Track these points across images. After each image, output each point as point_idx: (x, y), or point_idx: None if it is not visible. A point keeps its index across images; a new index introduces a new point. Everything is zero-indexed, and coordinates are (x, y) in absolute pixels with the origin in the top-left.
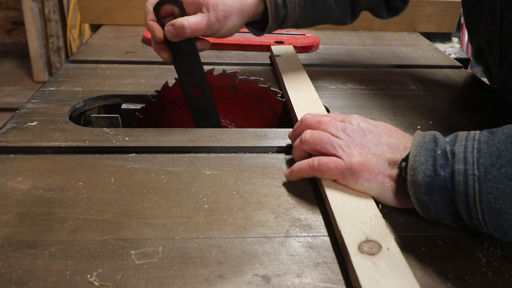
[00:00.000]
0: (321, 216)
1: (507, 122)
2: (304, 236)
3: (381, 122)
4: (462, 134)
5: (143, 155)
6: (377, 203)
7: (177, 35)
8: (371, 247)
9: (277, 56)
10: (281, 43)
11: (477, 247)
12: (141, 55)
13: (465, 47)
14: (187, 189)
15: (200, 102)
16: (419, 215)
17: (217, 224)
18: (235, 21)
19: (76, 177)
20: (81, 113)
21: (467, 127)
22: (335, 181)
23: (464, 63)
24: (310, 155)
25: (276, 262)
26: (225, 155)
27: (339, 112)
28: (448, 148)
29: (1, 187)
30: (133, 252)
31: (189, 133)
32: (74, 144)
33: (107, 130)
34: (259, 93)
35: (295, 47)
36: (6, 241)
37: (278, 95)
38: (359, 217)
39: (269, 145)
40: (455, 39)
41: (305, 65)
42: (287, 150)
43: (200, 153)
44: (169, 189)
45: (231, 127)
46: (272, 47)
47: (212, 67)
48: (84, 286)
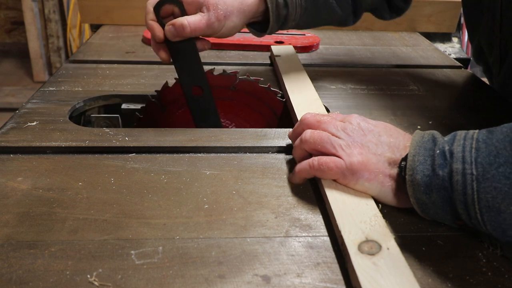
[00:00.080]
0: (321, 216)
1: (507, 122)
2: (304, 236)
3: (381, 121)
4: (460, 133)
5: (143, 155)
6: (377, 202)
7: (177, 34)
8: (371, 247)
9: (277, 56)
10: (281, 43)
11: (477, 247)
12: (141, 55)
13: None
14: (187, 189)
15: (200, 102)
16: (419, 215)
17: (217, 224)
18: (235, 21)
19: (76, 177)
20: (81, 113)
21: (467, 127)
22: (335, 181)
23: (464, 63)
24: (310, 155)
25: (276, 262)
26: (225, 155)
27: (339, 112)
28: (446, 147)
29: (1, 187)
30: (133, 252)
31: (189, 133)
32: (74, 144)
33: (107, 130)
34: (259, 93)
35: (295, 47)
36: (6, 241)
37: (278, 95)
38: (359, 217)
39: (269, 145)
40: (455, 39)
41: (305, 65)
42: (287, 150)
43: (200, 153)
44: (169, 189)
45: (231, 127)
46: (272, 47)
47: (212, 67)
48: (84, 286)
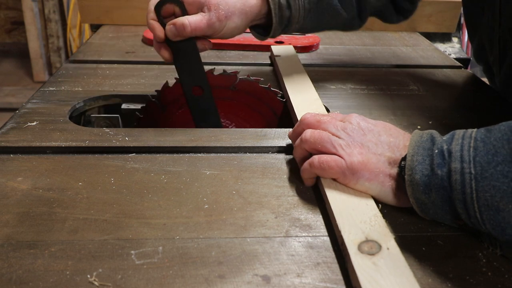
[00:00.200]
0: (321, 216)
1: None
2: (304, 236)
3: (380, 121)
4: (459, 132)
5: (143, 155)
6: (377, 202)
7: (178, 34)
8: (371, 247)
9: (277, 56)
10: (281, 43)
11: (477, 247)
12: (141, 55)
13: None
14: (187, 189)
15: (200, 102)
16: (419, 215)
17: (217, 224)
18: (237, 22)
19: (76, 177)
20: (81, 113)
21: (467, 127)
22: (335, 180)
23: (464, 63)
24: (311, 155)
25: (276, 262)
26: (225, 155)
27: (339, 112)
28: (445, 147)
29: (1, 187)
30: (133, 252)
31: (189, 133)
32: (74, 144)
33: (107, 130)
34: (260, 93)
35: (295, 47)
36: (6, 241)
37: (278, 95)
38: (359, 217)
39: (269, 145)
40: (455, 39)
41: (305, 65)
42: (287, 150)
43: (200, 153)
44: (169, 189)
45: (231, 127)
46: (272, 47)
47: (212, 67)
48: (84, 286)
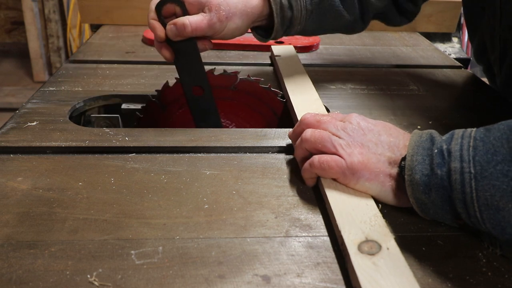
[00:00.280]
0: (321, 216)
1: None
2: (304, 236)
3: (380, 121)
4: (458, 132)
5: (143, 155)
6: (377, 202)
7: (178, 34)
8: (371, 247)
9: (277, 56)
10: (281, 43)
11: (477, 247)
12: (141, 55)
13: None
14: (187, 189)
15: (200, 102)
16: (419, 215)
17: (217, 224)
18: (238, 23)
19: (76, 177)
20: (81, 113)
21: (467, 127)
22: (335, 180)
23: (464, 63)
24: (311, 155)
25: (276, 262)
26: (225, 155)
27: (339, 112)
28: (444, 146)
29: (1, 187)
30: (133, 252)
31: (189, 133)
32: (74, 144)
33: (107, 130)
34: (260, 93)
35: (295, 47)
36: (6, 241)
37: (278, 95)
38: (359, 217)
39: (269, 145)
40: (455, 39)
41: (305, 65)
42: (287, 150)
43: (200, 153)
44: (169, 189)
45: (231, 127)
46: (272, 47)
47: (213, 67)
48: (84, 286)
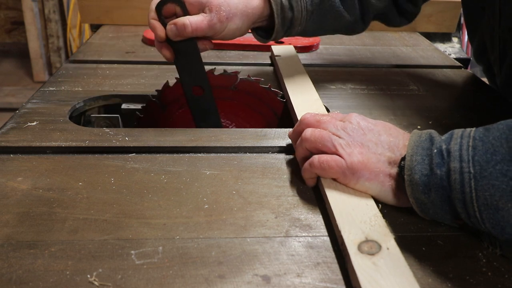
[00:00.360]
0: (321, 216)
1: None
2: (304, 236)
3: (380, 120)
4: (457, 132)
5: (143, 155)
6: (377, 202)
7: (178, 34)
8: (371, 247)
9: (277, 56)
10: (281, 43)
11: (477, 247)
12: (141, 55)
13: (465, 47)
14: (187, 189)
15: (200, 102)
16: (419, 215)
17: (217, 224)
18: (238, 23)
19: (76, 177)
20: (81, 113)
21: (467, 127)
22: (335, 180)
23: (464, 63)
24: (312, 155)
25: (276, 262)
26: (225, 155)
27: (339, 111)
28: (443, 146)
29: (1, 187)
30: (133, 252)
31: (189, 133)
32: (74, 144)
33: (107, 130)
34: (260, 94)
35: (295, 47)
36: (6, 241)
37: (278, 95)
38: (359, 217)
39: (269, 145)
40: (455, 39)
41: (305, 65)
42: (287, 150)
43: (200, 153)
44: (169, 189)
45: (231, 127)
46: (272, 47)
47: (213, 67)
48: (84, 286)
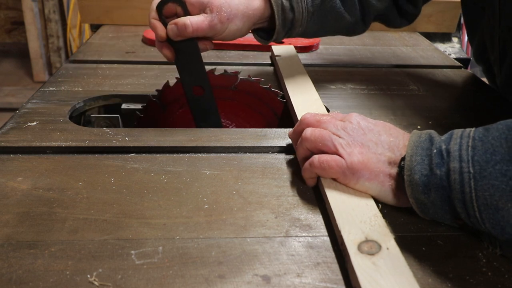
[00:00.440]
0: (321, 216)
1: None
2: (304, 236)
3: (380, 120)
4: (457, 132)
5: (143, 155)
6: (377, 202)
7: (179, 34)
8: (370, 247)
9: (277, 56)
10: (281, 43)
11: (477, 247)
12: (141, 55)
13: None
14: (187, 189)
15: (201, 102)
16: (419, 215)
17: (217, 224)
18: (239, 24)
19: (76, 177)
20: (81, 113)
21: (467, 127)
22: (335, 180)
23: (464, 63)
24: (312, 155)
25: (276, 262)
26: (225, 155)
27: (339, 111)
28: (443, 146)
29: (1, 187)
30: (133, 252)
31: (189, 133)
32: (74, 144)
33: (107, 130)
34: (260, 94)
35: (295, 47)
36: (6, 241)
37: (278, 96)
38: (359, 217)
39: (269, 145)
40: (455, 39)
41: (305, 65)
42: (287, 150)
43: (200, 153)
44: (169, 189)
45: (231, 127)
46: (272, 47)
47: (213, 67)
48: (84, 286)
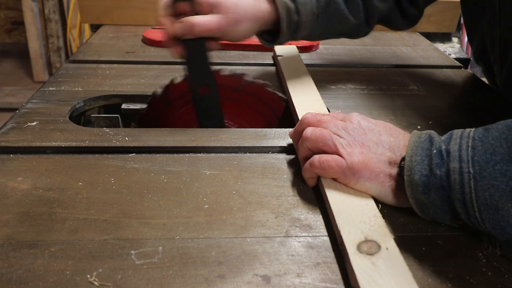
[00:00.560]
0: (321, 216)
1: None
2: (304, 236)
3: (381, 120)
4: (457, 132)
5: (143, 155)
6: (377, 202)
7: (186, 32)
8: (370, 247)
9: (279, 56)
10: None
11: (477, 247)
12: (141, 55)
13: (465, 47)
14: (187, 189)
15: (205, 101)
16: (419, 215)
17: (217, 224)
18: (247, 27)
19: (76, 177)
20: (81, 113)
21: (467, 127)
22: (335, 180)
23: (464, 63)
24: (313, 155)
25: (276, 262)
26: (225, 155)
27: (339, 111)
28: (443, 147)
29: (1, 187)
30: (133, 252)
31: (189, 133)
32: (74, 144)
33: (107, 130)
34: (261, 94)
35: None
36: (6, 241)
37: (282, 100)
38: (359, 217)
39: (269, 145)
40: (455, 39)
41: (305, 65)
42: (287, 150)
43: (200, 153)
44: (169, 189)
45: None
46: (275, 46)
47: (220, 67)
48: (84, 286)
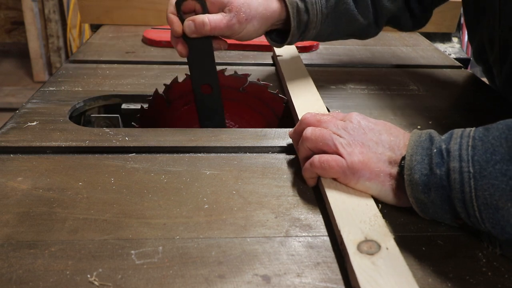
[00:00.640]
0: (321, 216)
1: None
2: (304, 236)
3: (381, 120)
4: (457, 131)
5: (143, 155)
6: (377, 202)
7: (196, 31)
8: (370, 247)
9: (279, 56)
10: None
11: (477, 247)
12: (141, 55)
13: (465, 47)
14: (187, 189)
15: (208, 100)
16: (419, 215)
17: (217, 224)
18: (256, 26)
19: (76, 177)
20: (81, 113)
21: (467, 127)
22: (335, 180)
23: (464, 63)
24: (313, 155)
25: (276, 262)
26: (225, 155)
27: (339, 111)
28: (443, 146)
29: (1, 187)
30: (133, 252)
31: (189, 133)
32: (74, 144)
33: (107, 130)
34: (266, 97)
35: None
36: (6, 241)
37: (284, 102)
38: (359, 216)
39: (269, 145)
40: (455, 39)
41: (305, 65)
42: (287, 150)
43: (200, 153)
44: (169, 189)
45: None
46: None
47: (224, 67)
48: (84, 286)
